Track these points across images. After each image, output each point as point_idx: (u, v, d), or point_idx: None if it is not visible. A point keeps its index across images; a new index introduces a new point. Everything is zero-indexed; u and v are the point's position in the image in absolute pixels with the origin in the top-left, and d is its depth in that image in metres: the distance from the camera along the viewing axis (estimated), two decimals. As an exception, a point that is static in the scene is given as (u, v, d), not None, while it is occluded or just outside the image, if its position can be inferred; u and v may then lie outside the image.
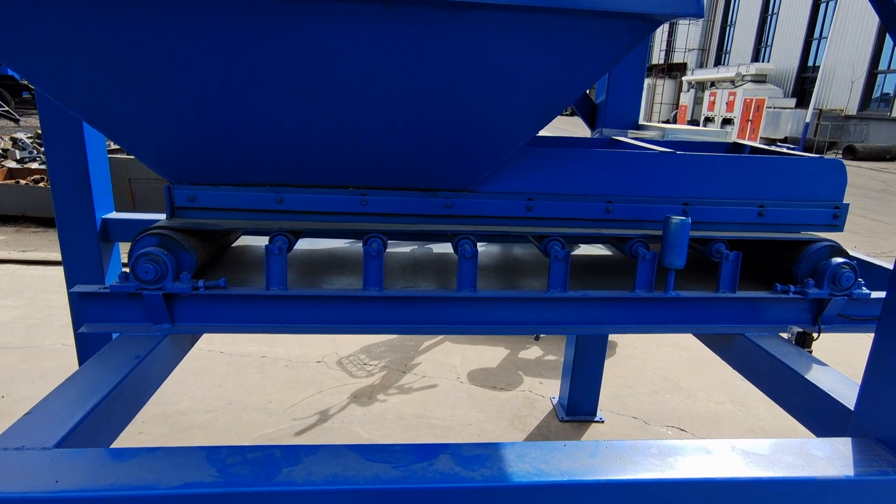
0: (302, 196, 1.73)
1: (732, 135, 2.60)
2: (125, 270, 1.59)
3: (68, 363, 3.87)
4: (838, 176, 1.88)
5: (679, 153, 1.85)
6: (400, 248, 2.24)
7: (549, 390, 3.95)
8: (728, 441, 1.23)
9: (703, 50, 35.10)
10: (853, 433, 1.34)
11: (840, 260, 1.77)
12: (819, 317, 1.82)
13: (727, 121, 24.49)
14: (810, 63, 26.06)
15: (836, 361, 1.92)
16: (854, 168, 17.44)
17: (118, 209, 2.83)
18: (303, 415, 3.54)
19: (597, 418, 3.64)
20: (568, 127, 25.54)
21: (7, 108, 17.09)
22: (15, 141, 10.45)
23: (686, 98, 30.94)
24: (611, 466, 1.15)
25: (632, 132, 2.71)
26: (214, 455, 1.12)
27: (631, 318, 1.81)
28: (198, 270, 1.73)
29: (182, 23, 1.29)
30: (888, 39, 20.34)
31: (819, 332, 1.82)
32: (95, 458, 1.11)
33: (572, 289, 1.76)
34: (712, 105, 25.90)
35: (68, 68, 1.36)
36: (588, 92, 3.00)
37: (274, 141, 1.57)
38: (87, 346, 2.77)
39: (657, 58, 36.86)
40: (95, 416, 1.29)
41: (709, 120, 26.08)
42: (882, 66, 22.26)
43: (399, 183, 1.74)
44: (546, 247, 1.75)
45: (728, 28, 33.44)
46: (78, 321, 2.79)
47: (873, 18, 20.29)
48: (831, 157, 1.98)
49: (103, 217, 2.70)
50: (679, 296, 1.78)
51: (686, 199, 1.84)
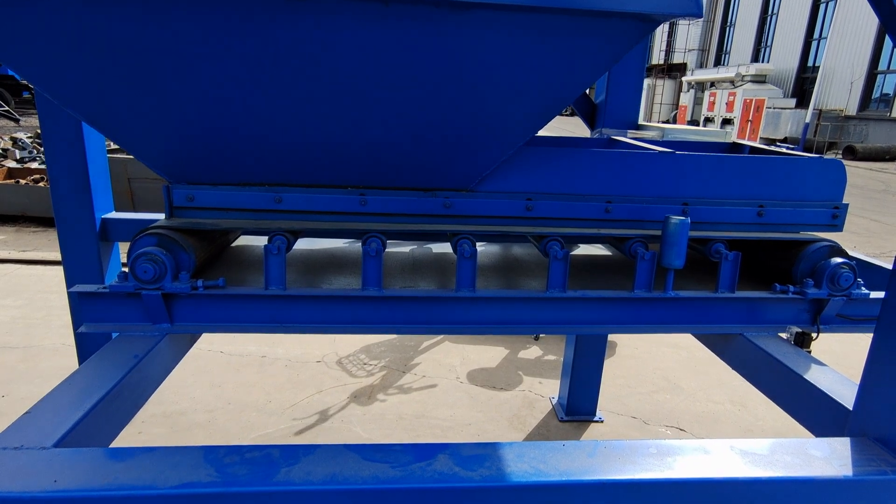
0: (301, 196, 1.72)
1: (732, 135, 2.60)
2: (124, 270, 1.59)
3: (67, 363, 3.87)
4: (838, 176, 1.88)
5: (678, 153, 1.84)
6: (399, 248, 2.24)
7: (549, 390, 3.95)
8: (727, 441, 1.24)
9: (703, 50, 35.11)
10: (851, 433, 1.34)
11: (839, 260, 1.77)
12: (818, 317, 1.82)
13: (727, 121, 24.49)
14: (810, 63, 26.07)
15: (835, 361, 1.92)
16: (854, 168, 17.44)
17: (118, 209, 2.83)
18: (302, 415, 3.54)
19: (596, 418, 3.64)
20: (568, 127, 25.55)
21: (7, 108, 17.08)
22: (15, 141, 10.44)
23: (686, 98, 30.94)
24: (610, 466, 1.15)
25: (631, 132, 2.71)
26: (213, 455, 1.12)
27: (630, 318, 1.81)
28: (197, 270, 1.73)
29: (180, 22, 1.29)
30: (888, 40, 20.31)
31: (818, 333, 1.82)
32: (94, 458, 1.11)
33: (571, 289, 1.76)
34: (712, 105, 25.91)
35: (68, 68, 1.36)
36: (587, 92, 3.00)
37: (272, 140, 1.57)
38: (87, 346, 2.77)
39: (657, 58, 36.89)
40: (94, 416, 1.29)
41: (708, 120, 26.08)
42: (882, 67, 22.27)
43: (398, 182, 1.74)
44: (545, 247, 1.75)
45: (728, 28, 33.45)
46: (77, 321, 2.79)
47: (873, 19, 20.29)
48: (831, 158, 1.98)
49: (103, 217, 2.70)
50: (678, 296, 1.78)
51: (685, 199, 1.84)
